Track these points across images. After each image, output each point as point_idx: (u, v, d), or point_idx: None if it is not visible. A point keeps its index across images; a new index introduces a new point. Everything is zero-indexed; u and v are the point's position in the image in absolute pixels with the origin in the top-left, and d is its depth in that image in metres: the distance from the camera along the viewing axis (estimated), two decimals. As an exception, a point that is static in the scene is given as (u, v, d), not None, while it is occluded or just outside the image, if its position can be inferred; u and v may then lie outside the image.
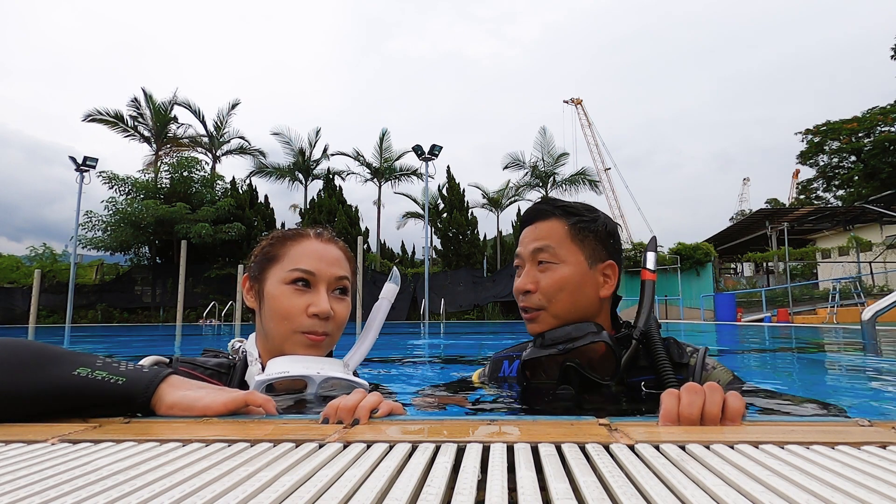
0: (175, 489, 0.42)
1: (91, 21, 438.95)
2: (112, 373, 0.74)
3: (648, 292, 1.11)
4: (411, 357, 4.36)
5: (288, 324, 1.00)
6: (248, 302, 1.08)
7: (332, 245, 1.09)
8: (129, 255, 20.26)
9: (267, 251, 1.07)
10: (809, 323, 12.26)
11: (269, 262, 1.05)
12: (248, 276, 1.09)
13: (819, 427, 0.63)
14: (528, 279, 1.11)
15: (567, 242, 1.09)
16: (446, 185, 21.30)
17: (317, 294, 1.01)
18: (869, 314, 3.27)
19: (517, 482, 0.44)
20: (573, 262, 1.08)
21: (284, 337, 1.00)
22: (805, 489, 0.41)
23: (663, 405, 0.66)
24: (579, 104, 46.84)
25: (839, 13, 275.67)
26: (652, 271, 1.15)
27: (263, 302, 1.03)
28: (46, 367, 0.72)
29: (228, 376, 1.02)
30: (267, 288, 1.02)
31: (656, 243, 1.22)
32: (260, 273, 1.05)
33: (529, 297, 1.10)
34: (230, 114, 22.27)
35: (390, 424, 0.67)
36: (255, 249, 1.11)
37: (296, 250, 1.04)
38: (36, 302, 16.65)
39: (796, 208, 22.32)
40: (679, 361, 1.06)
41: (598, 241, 1.11)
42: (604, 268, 1.11)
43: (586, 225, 1.11)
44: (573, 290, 1.07)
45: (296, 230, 1.11)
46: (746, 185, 62.31)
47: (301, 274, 1.01)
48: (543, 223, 1.13)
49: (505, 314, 18.60)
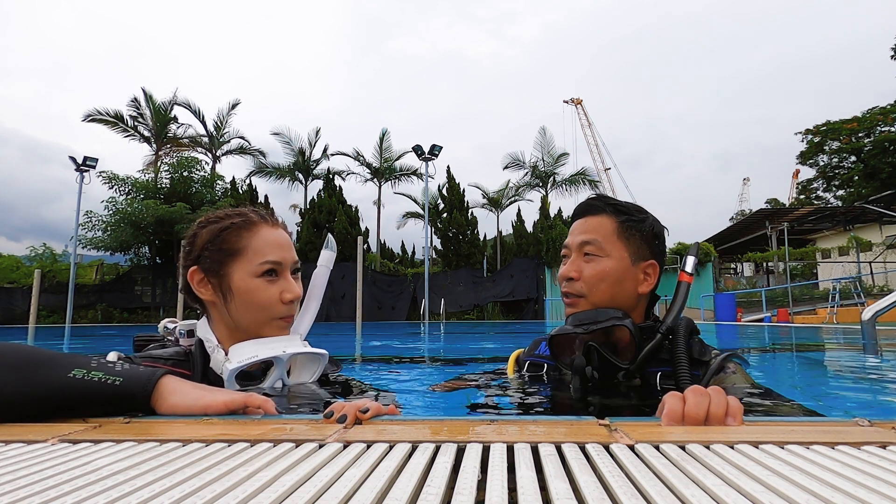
0: (175, 489, 0.42)
1: (90, 21, 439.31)
2: (108, 373, 0.74)
3: (682, 293, 1.16)
4: (411, 356, 4.36)
5: (265, 313, 1.05)
6: (203, 295, 1.05)
7: (282, 229, 1.12)
8: (129, 255, 20.23)
9: (222, 245, 1.05)
10: (809, 323, 12.24)
11: (229, 255, 1.04)
12: (199, 268, 1.05)
13: (819, 427, 0.63)
14: (573, 267, 1.16)
15: (613, 238, 1.15)
16: (446, 185, 21.28)
17: (286, 281, 1.07)
18: (869, 314, 3.27)
19: (517, 482, 0.44)
20: (617, 257, 1.14)
21: (261, 325, 1.05)
22: (805, 489, 0.41)
23: (667, 406, 0.67)
24: (579, 104, 46.84)
25: (839, 13, 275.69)
26: (689, 274, 1.19)
27: (231, 295, 1.03)
28: (41, 369, 0.72)
29: (189, 364, 1.02)
30: (235, 283, 1.03)
31: (698, 248, 1.28)
32: (220, 267, 1.04)
33: (572, 283, 1.16)
34: (230, 114, 22.27)
35: (390, 424, 0.67)
36: (198, 241, 1.07)
37: (256, 241, 1.05)
38: (36, 302, 16.63)
39: (796, 208, 22.30)
40: (699, 358, 1.09)
41: (643, 240, 1.16)
42: (645, 266, 1.16)
43: (634, 224, 1.16)
44: (613, 282, 1.13)
45: (239, 215, 1.09)
46: (746, 185, 62.31)
47: (271, 266, 1.05)
48: (594, 218, 1.18)
49: (505, 314, 18.60)
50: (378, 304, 18.35)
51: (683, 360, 1.05)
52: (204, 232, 1.08)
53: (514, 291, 18.62)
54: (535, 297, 18.36)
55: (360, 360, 3.93)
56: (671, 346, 1.09)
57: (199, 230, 1.09)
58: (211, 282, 1.05)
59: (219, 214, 1.11)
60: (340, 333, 8.46)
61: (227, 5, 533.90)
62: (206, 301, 1.07)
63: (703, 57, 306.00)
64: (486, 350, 5.26)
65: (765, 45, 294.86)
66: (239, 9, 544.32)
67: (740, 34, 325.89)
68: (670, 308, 1.14)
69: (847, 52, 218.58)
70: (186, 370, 1.00)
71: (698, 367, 1.08)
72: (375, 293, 18.35)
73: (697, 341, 1.13)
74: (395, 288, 18.93)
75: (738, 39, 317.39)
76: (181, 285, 1.10)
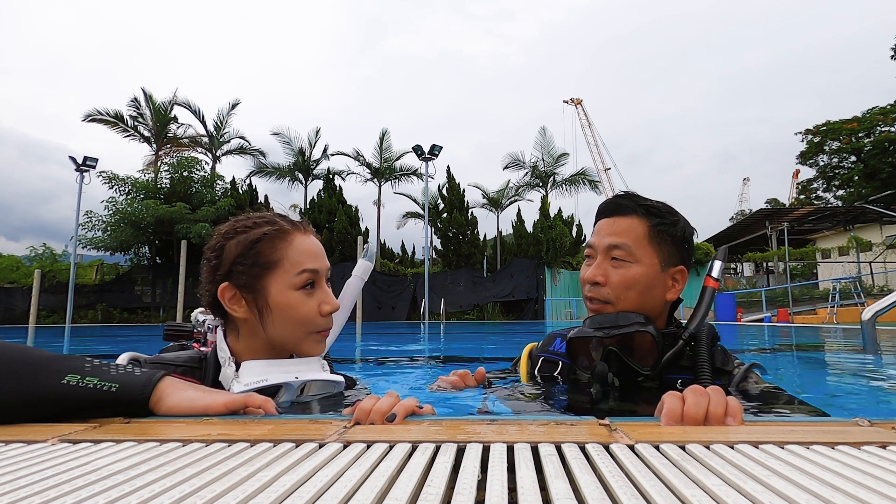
0: (175, 489, 0.42)
1: (87, 20, 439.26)
2: (103, 378, 0.72)
3: (707, 298, 1.12)
4: (411, 356, 4.35)
5: (305, 328, 0.98)
6: (237, 313, 0.97)
7: (313, 235, 1.05)
8: (129, 255, 20.22)
9: (257, 259, 0.96)
10: (809, 323, 12.25)
11: (265, 269, 0.96)
12: (231, 284, 0.96)
13: (819, 427, 0.63)
14: (599, 271, 1.10)
15: (644, 243, 1.09)
16: (446, 185, 21.26)
17: (323, 292, 1.00)
18: (869, 314, 3.27)
19: (517, 482, 0.44)
20: (647, 264, 1.08)
21: (299, 340, 0.99)
22: (805, 489, 0.41)
23: (666, 405, 0.66)
24: (579, 104, 46.84)
25: (840, 13, 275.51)
26: (715, 279, 1.15)
27: (269, 311, 0.96)
28: (33, 375, 0.70)
29: (202, 370, 1.00)
30: (273, 298, 0.96)
31: (725, 254, 1.23)
32: (255, 282, 0.96)
33: (598, 289, 1.11)
34: (230, 114, 22.24)
35: (391, 424, 0.67)
36: (226, 254, 0.98)
37: (292, 251, 0.98)
38: (36, 302, 16.63)
39: (796, 208, 22.30)
40: (721, 367, 1.07)
41: (674, 244, 1.11)
42: (675, 272, 1.11)
43: (666, 228, 1.10)
44: (642, 289, 1.08)
45: (269, 223, 1.00)
46: (746, 185, 62.36)
47: (310, 276, 0.98)
48: (623, 219, 1.12)
49: (505, 314, 18.59)
50: (378, 304, 18.34)
51: (706, 368, 1.01)
52: (232, 244, 0.98)
53: (514, 291, 18.61)
54: (535, 297, 18.35)
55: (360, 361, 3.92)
56: (693, 353, 1.06)
57: (225, 241, 0.99)
58: (245, 298, 0.96)
59: (246, 224, 1.01)
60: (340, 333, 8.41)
61: (226, 5, 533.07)
62: (238, 318, 0.98)
63: (703, 56, 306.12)
64: (486, 350, 5.26)
65: (765, 44, 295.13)
66: (238, 9, 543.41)
67: (740, 33, 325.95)
68: (694, 314, 1.09)
69: (847, 51, 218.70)
70: (196, 378, 0.97)
71: (720, 377, 1.05)
72: (375, 293, 18.34)
73: (720, 349, 1.09)
74: (395, 288, 18.92)
75: (739, 39, 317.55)
76: (206, 301, 1.01)
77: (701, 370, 1.02)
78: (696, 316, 1.09)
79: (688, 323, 1.09)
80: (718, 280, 1.16)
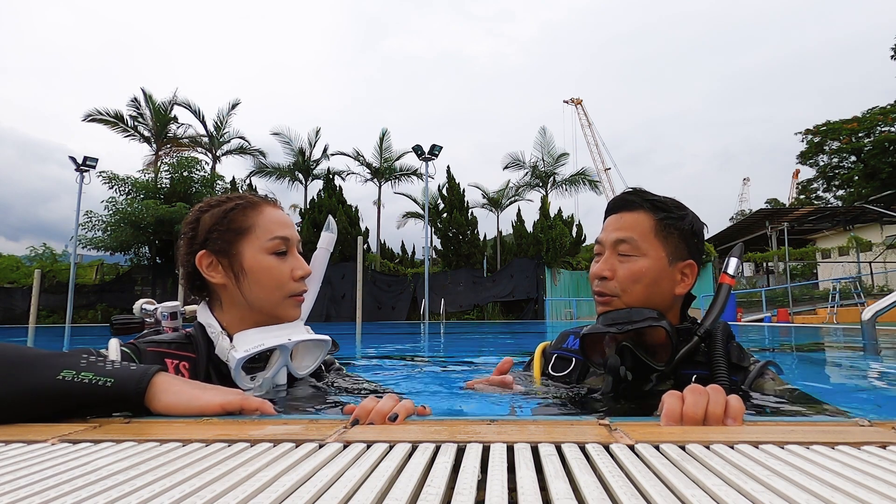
0: (175, 489, 0.42)
1: (87, 20, 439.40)
2: (99, 373, 0.73)
3: (723, 295, 1.12)
4: (411, 356, 4.35)
5: (279, 291, 1.04)
6: (214, 278, 1.03)
7: (281, 209, 1.13)
8: (129, 255, 20.24)
9: (230, 225, 1.04)
10: (809, 323, 12.24)
11: (239, 234, 1.03)
12: (208, 251, 1.03)
13: (819, 427, 0.63)
14: (606, 266, 1.12)
15: (651, 237, 1.10)
16: (446, 185, 21.26)
17: (295, 258, 1.07)
18: (869, 314, 3.26)
19: (517, 482, 0.44)
20: (654, 257, 1.09)
21: (276, 303, 1.04)
22: (805, 489, 0.41)
23: (666, 405, 0.66)
24: (579, 104, 46.81)
25: (840, 13, 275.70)
26: (731, 276, 1.15)
27: (244, 275, 1.02)
28: (27, 371, 0.70)
29: (193, 347, 1.02)
30: (247, 261, 1.02)
31: (742, 251, 1.23)
32: (230, 247, 1.03)
33: (605, 283, 1.11)
34: (230, 114, 22.25)
35: (391, 424, 0.67)
36: (202, 225, 1.05)
37: (263, 219, 1.05)
38: (36, 302, 16.63)
39: (796, 208, 22.31)
40: (737, 363, 1.07)
41: (682, 239, 1.11)
42: (683, 266, 1.11)
43: (673, 222, 1.11)
44: (649, 283, 1.08)
45: (240, 197, 1.08)
46: (746, 185, 62.31)
47: (281, 243, 1.05)
48: (630, 214, 1.13)
49: (505, 314, 18.59)
50: (378, 304, 18.35)
51: (722, 364, 1.01)
52: (207, 216, 1.06)
53: (514, 291, 18.61)
54: (535, 297, 18.35)
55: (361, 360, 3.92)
56: (708, 349, 1.06)
57: (200, 215, 1.07)
58: (222, 263, 1.03)
59: (219, 199, 1.09)
60: (340, 333, 8.46)
61: (225, 5, 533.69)
62: (216, 285, 1.04)
63: (703, 56, 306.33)
64: (485, 350, 5.26)
65: (765, 44, 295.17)
66: (238, 9, 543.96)
67: (740, 33, 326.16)
68: (709, 310, 1.09)
69: (847, 51, 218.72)
70: (191, 353, 1.00)
71: (736, 373, 1.05)
72: (375, 293, 18.34)
73: (736, 346, 1.09)
74: (395, 288, 18.93)
75: (739, 39, 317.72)
76: (184, 273, 1.07)
77: (717, 365, 1.02)
78: (712, 312, 1.09)
79: (703, 319, 1.09)
80: (734, 277, 1.16)
